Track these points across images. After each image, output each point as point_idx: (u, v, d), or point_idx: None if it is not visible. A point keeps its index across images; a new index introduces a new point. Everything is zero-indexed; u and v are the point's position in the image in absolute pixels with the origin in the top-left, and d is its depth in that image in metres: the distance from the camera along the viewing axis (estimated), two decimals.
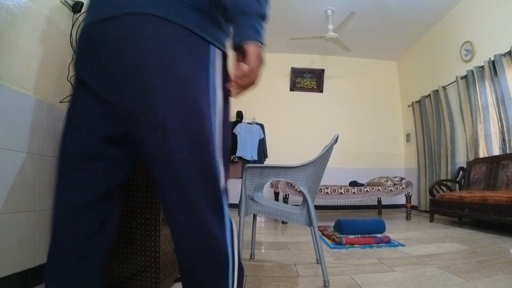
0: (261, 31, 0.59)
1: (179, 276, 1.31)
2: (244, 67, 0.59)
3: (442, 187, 3.60)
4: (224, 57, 0.64)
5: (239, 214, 1.40)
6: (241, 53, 0.60)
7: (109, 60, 0.57)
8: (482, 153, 3.36)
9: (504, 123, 3.05)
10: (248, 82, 0.61)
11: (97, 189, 0.63)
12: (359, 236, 2.15)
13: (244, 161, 4.52)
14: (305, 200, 1.40)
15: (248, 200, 1.40)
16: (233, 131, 4.53)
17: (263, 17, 0.59)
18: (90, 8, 0.63)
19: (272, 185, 3.80)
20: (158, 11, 0.54)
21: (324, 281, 1.32)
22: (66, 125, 0.66)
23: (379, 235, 2.19)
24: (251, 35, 0.58)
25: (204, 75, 0.58)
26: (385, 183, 3.70)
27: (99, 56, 0.58)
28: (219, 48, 0.62)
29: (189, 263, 0.58)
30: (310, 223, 1.37)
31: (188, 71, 0.56)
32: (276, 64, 5.08)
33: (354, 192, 3.49)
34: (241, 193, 1.39)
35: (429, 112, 4.48)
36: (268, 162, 4.73)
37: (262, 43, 0.59)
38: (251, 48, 0.58)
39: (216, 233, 0.57)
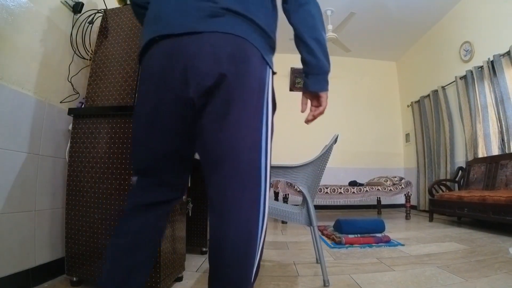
0: (328, 82, 0.82)
1: (179, 275, 1.31)
2: (319, 107, 0.84)
3: (441, 186, 3.61)
4: (272, 74, 0.73)
5: None
6: (313, 96, 0.83)
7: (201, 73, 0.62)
8: (481, 153, 3.37)
9: (503, 123, 3.06)
10: (320, 115, 0.86)
11: (166, 194, 0.73)
12: (359, 235, 2.16)
13: None
14: (304, 200, 1.41)
15: None
16: None
17: (329, 72, 0.82)
18: (163, 21, 0.66)
19: (272, 185, 3.81)
20: (239, 31, 0.64)
21: (323, 280, 1.32)
22: (141, 137, 0.71)
23: (379, 235, 2.19)
24: (325, 86, 0.81)
25: (262, 93, 0.67)
26: (385, 183, 3.70)
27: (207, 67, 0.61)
28: (271, 68, 0.72)
29: (225, 249, 0.62)
30: (310, 223, 1.38)
31: (255, 88, 0.66)
32: (275, 64, 5.05)
33: (353, 192, 3.49)
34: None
35: (428, 112, 4.49)
36: None
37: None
38: (324, 94, 0.82)
39: (253, 226, 0.64)
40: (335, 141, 1.51)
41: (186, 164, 0.76)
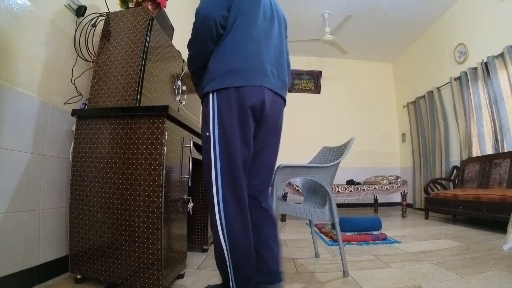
0: None
1: (181, 273, 1.34)
2: None
3: (437, 185, 3.66)
4: None
5: None
6: None
7: (273, 117, 1.10)
8: (476, 152, 3.42)
9: (496, 123, 3.11)
10: None
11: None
12: (356, 233, 2.19)
13: None
14: (328, 198, 1.44)
15: (277, 200, 1.38)
16: None
17: None
18: (275, 80, 1.08)
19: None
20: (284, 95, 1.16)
21: (343, 271, 1.41)
22: (240, 143, 1.00)
23: (376, 233, 2.23)
24: None
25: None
26: (381, 181, 3.75)
27: (270, 112, 1.07)
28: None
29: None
30: (332, 219, 1.42)
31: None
32: None
33: (351, 191, 3.54)
34: (271, 193, 1.37)
35: (424, 113, 4.54)
36: None
37: None
38: None
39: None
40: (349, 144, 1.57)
41: None
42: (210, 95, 0.99)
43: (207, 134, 0.99)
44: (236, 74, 0.98)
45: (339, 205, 4.45)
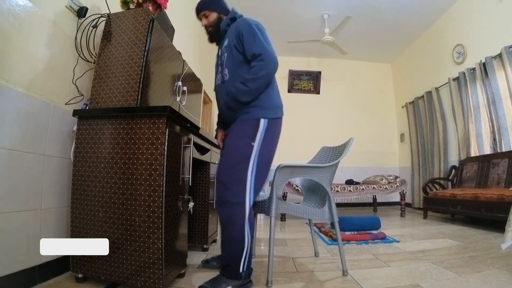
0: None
1: (181, 272, 1.35)
2: None
3: (435, 185, 3.68)
4: None
5: (269, 214, 1.34)
6: None
7: None
8: (474, 152, 3.44)
9: (494, 123, 3.13)
10: None
11: None
12: (355, 232, 2.20)
13: None
14: (328, 198, 1.45)
15: (277, 200, 1.37)
16: None
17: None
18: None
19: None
20: None
21: (343, 270, 1.43)
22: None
23: (375, 232, 2.24)
24: None
25: None
26: (380, 181, 3.77)
27: None
28: None
29: None
30: (332, 219, 1.43)
31: None
32: None
33: (350, 190, 3.55)
34: (271, 193, 1.37)
35: (422, 113, 4.56)
36: None
37: None
38: None
39: None
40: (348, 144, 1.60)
41: None
42: (263, 119, 1.26)
43: (252, 143, 1.23)
44: (281, 109, 1.35)
45: (338, 205, 4.44)
